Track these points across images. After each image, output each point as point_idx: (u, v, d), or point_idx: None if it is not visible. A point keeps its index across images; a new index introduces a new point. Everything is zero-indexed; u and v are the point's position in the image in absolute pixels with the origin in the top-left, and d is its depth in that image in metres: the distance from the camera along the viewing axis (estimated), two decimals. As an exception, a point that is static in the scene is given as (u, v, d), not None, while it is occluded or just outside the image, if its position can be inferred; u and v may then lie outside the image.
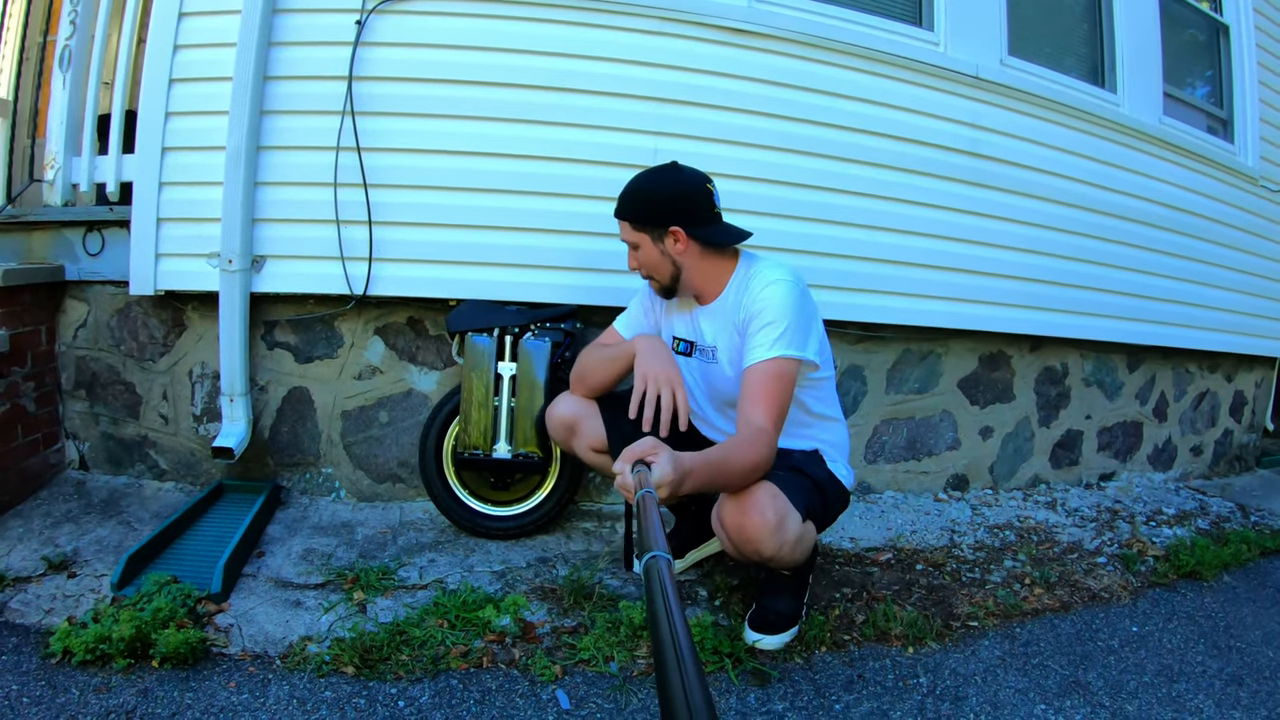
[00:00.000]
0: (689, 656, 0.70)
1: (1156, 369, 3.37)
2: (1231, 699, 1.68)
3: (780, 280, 1.61)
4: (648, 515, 0.99)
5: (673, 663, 0.69)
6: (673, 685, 0.67)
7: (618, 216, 1.73)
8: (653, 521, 0.97)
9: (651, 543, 0.90)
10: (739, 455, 1.45)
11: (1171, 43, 3.23)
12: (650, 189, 1.69)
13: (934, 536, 2.44)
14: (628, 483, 1.20)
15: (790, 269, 1.67)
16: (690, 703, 0.65)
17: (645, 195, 1.69)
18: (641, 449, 1.26)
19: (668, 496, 1.23)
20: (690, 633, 0.76)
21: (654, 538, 0.92)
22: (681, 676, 0.67)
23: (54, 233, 2.32)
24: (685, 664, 0.69)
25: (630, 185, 1.72)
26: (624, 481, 1.22)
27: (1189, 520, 2.86)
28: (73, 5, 2.22)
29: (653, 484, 1.17)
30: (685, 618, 0.76)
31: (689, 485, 1.30)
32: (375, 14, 2.15)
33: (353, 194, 2.18)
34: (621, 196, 1.72)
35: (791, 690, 1.58)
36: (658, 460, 1.24)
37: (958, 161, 2.60)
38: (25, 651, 1.54)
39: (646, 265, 1.73)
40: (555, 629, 1.73)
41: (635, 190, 1.70)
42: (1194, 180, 3.19)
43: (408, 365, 2.36)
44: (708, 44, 2.31)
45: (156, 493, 2.31)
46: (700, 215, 1.67)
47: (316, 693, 1.48)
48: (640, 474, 1.19)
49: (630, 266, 1.77)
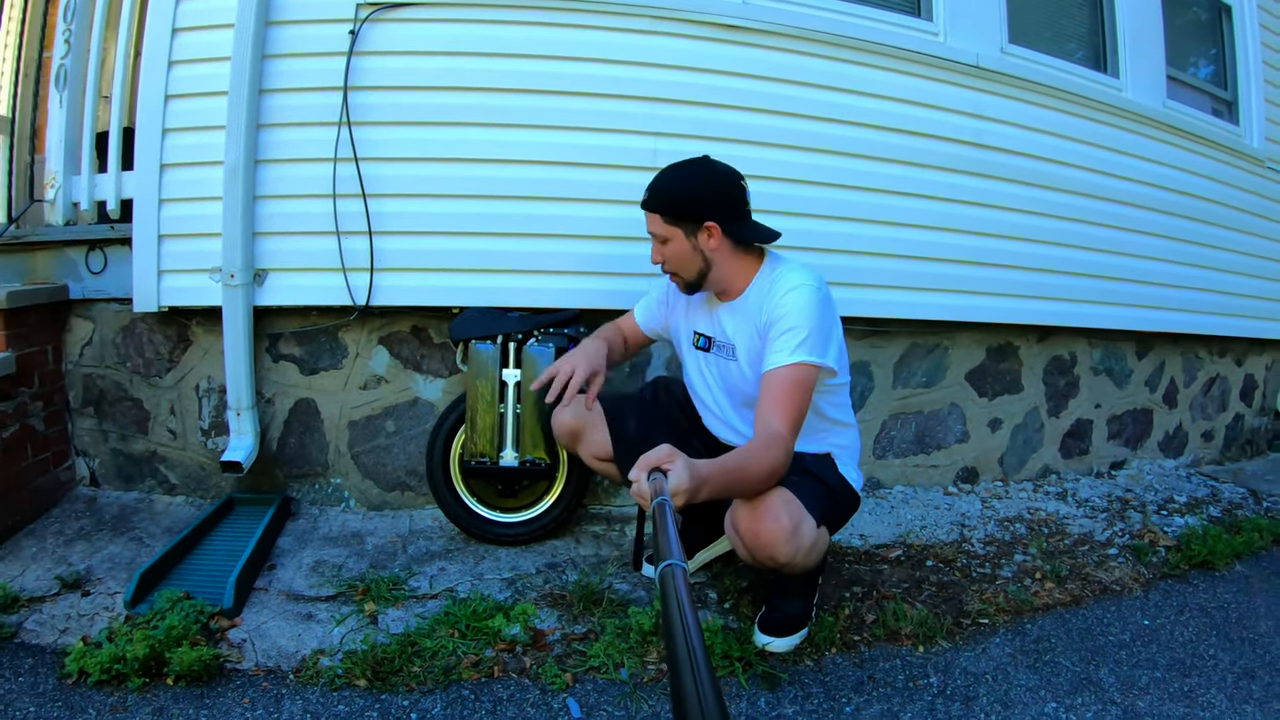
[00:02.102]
0: (704, 667, 0.69)
1: (1165, 355, 3.35)
2: (1244, 693, 1.66)
3: (804, 285, 1.60)
4: (663, 523, 0.99)
5: (688, 673, 0.69)
6: (687, 696, 0.67)
7: (648, 209, 1.69)
8: (669, 529, 0.97)
9: (667, 551, 0.90)
10: (755, 461, 1.44)
11: (1174, 24, 3.19)
12: (687, 182, 1.66)
13: (944, 531, 2.44)
14: (643, 490, 1.20)
15: (814, 273, 1.66)
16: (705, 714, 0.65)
17: (682, 189, 1.66)
18: (658, 456, 1.25)
19: (684, 504, 1.22)
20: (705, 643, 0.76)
21: (670, 546, 0.92)
22: (697, 687, 0.67)
23: (56, 252, 2.33)
24: (700, 675, 0.68)
25: (663, 177, 1.68)
26: (640, 489, 1.21)
27: (1201, 508, 2.84)
28: (67, 23, 2.22)
29: (669, 491, 1.16)
30: (700, 628, 0.76)
31: (705, 492, 1.29)
32: (368, 23, 2.14)
33: (352, 205, 2.17)
34: (653, 189, 1.68)
35: (801, 693, 1.58)
36: (674, 468, 1.23)
37: (960, 152, 2.58)
38: (41, 672, 1.56)
39: (673, 260, 1.70)
40: (565, 636, 1.74)
41: (670, 183, 1.67)
42: (1199, 164, 3.15)
43: (413, 374, 2.37)
44: (703, 41, 2.29)
45: (167, 507, 2.32)
46: (735, 212, 1.66)
47: (330, 707, 1.49)
48: (656, 481, 1.18)
49: (654, 260, 1.73)
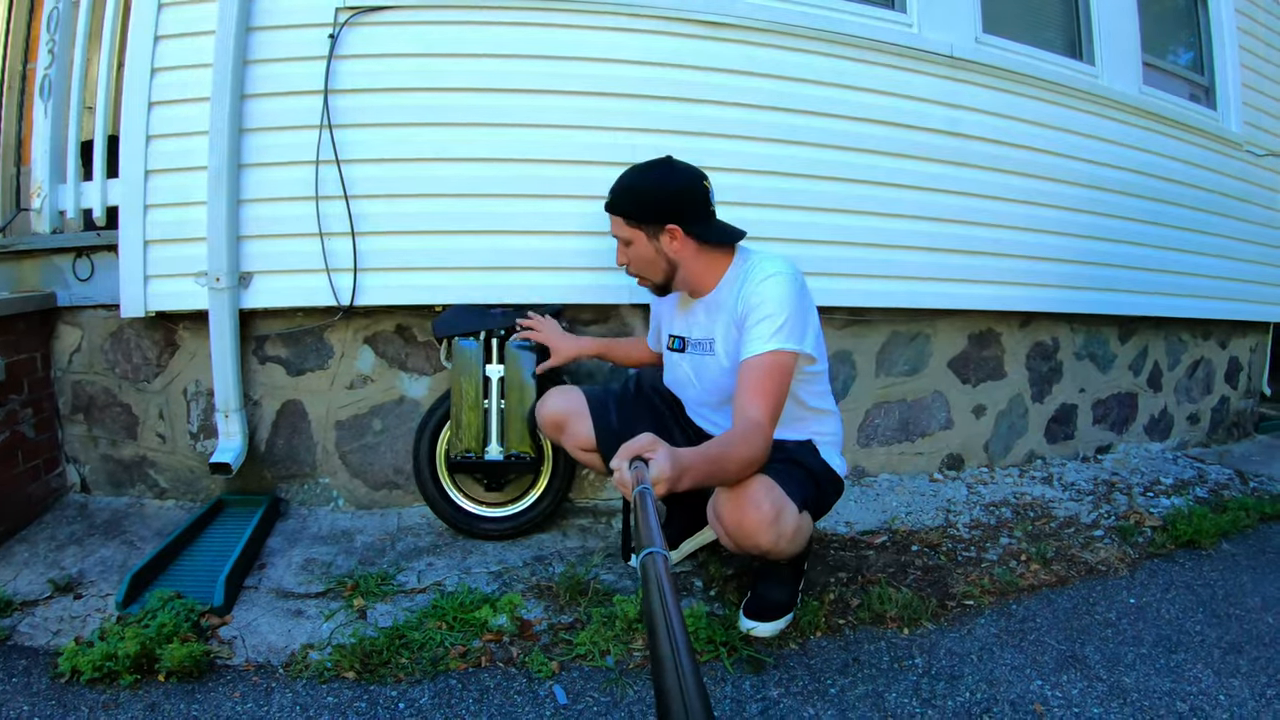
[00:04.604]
0: (685, 654, 0.70)
1: (1149, 339, 3.37)
2: (1231, 667, 1.68)
3: (779, 273, 1.61)
4: (645, 512, 1.00)
5: (669, 660, 0.70)
6: (669, 683, 0.68)
7: (610, 211, 1.70)
8: (650, 517, 0.98)
9: (648, 539, 0.91)
10: (736, 450, 1.45)
11: (1150, 11, 3.22)
12: (646, 185, 1.67)
13: (929, 517, 2.46)
14: (625, 479, 1.21)
15: (787, 261, 1.66)
16: (686, 701, 0.65)
17: (641, 191, 1.66)
18: (639, 445, 1.26)
19: (665, 493, 1.23)
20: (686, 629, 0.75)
21: (651, 534, 0.93)
22: (678, 674, 0.68)
23: (44, 260, 2.35)
24: (682, 662, 0.69)
25: (624, 180, 1.69)
26: (621, 478, 1.22)
27: (1187, 489, 2.86)
28: (50, 34, 2.24)
29: (650, 480, 1.17)
30: (681, 614, 0.76)
31: (687, 481, 1.29)
32: (348, 27, 2.17)
33: (334, 206, 2.19)
34: (614, 191, 1.69)
35: (787, 676, 1.60)
36: (655, 457, 1.24)
37: (937, 142, 2.60)
38: (35, 673, 1.57)
39: (637, 263, 1.72)
40: (552, 626, 1.76)
41: (630, 185, 1.68)
42: (1178, 149, 3.18)
43: (398, 372, 2.39)
44: (680, 38, 2.31)
45: (158, 511, 2.34)
46: (697, 213, 1.66)
47: (319, 699, 1.51)
48: (638, 470, 1.19)
49: (619, 262, 1.75)
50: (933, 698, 1.55)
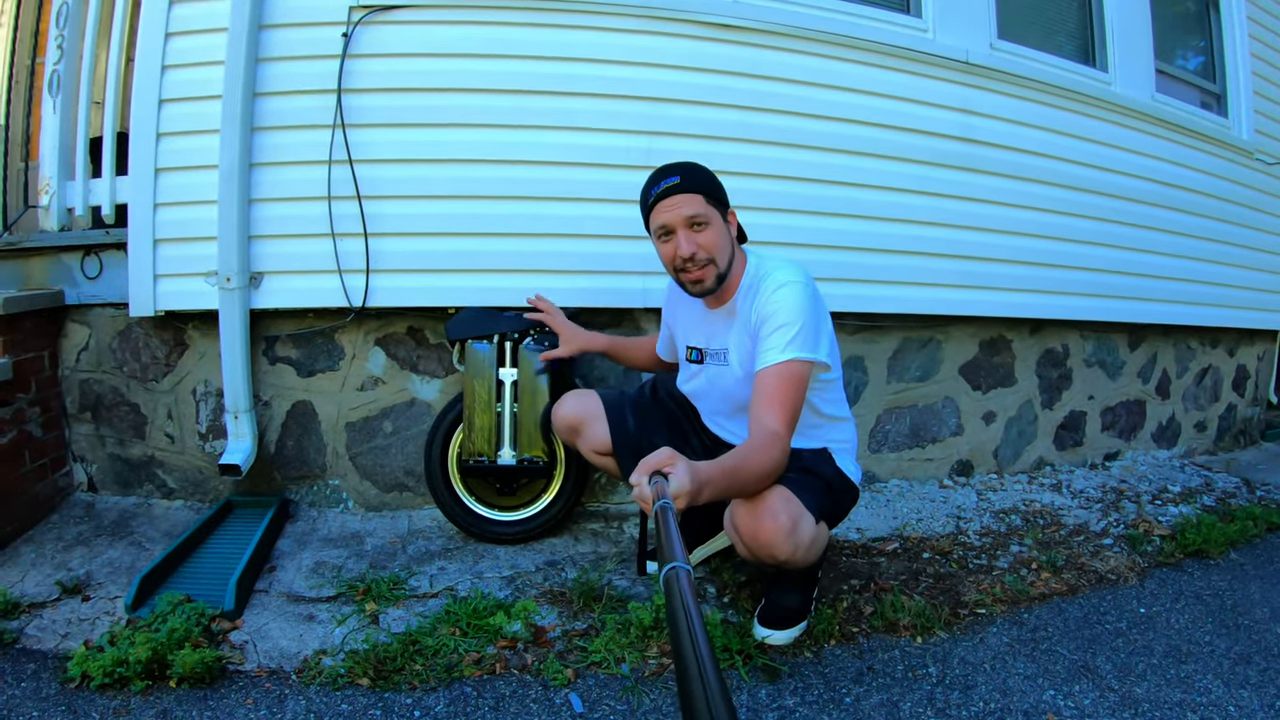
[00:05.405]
0: (711, 670, 0.69)
1: (1158, 346, 3.37)
2: (1240, 678, 1.68)
3: (792, 282, 1.59)
4: (666, 527, 1.00)
5: (695, 676, 0.69)
6: (695, 698, 0.67)
7: (688, 190, 1.58)
8: (672, 533, 0.98)
9: (671, 554, 0.90)
10: (754, 461, 1.43)
11: (1162, 17, 3.21)
12: (704, 169, 1.64)
13: (940, 524, 2.45)
14: (645, 494, 1.20)
15: (800, 269, 1.65)
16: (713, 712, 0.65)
17: (708, 172, 1.62)
18: (658, 460, 1.25)
19: (685, 507, 1.23)
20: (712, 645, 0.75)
21: (674, 549, 0.92)
22: (705, 689, 0.67)
23: (52, 258, 2.33)
24: (708, 677, 0.68)
25: (684, 163, 1.65)
26: (641, 493, 1.21)
27: (1195, 497, 2.86)
28: (59, 29, 2.22)
29: (670, 495, 1.17)
30: (707, 631, 0.76)
31: (706, 494, 1.29)
32: (361, 26, 2.15)
33: (347, 206, 2.18)
34: (685, 169, 1.62)
35: (802, 685, 1.60)
36: (675, 471, 1.23)
37: (950, 148, 2.60)
38: (44, 677, 1.56)
39: (711, 246, 1.60)
40: (566, 632, 1.75)
41: (695, 166, 1.64)
42: (1189, 156, 3.18)
43: (410, 375, 2.37)
44: (696, 41, 2.30)
45: (166, 512, 2.32)
46: None
47: (333, 706, 1.50)
48: (658, 485, 1.19)
49: (684, 252, 1.59)
50: (947, 707, 1.54)
